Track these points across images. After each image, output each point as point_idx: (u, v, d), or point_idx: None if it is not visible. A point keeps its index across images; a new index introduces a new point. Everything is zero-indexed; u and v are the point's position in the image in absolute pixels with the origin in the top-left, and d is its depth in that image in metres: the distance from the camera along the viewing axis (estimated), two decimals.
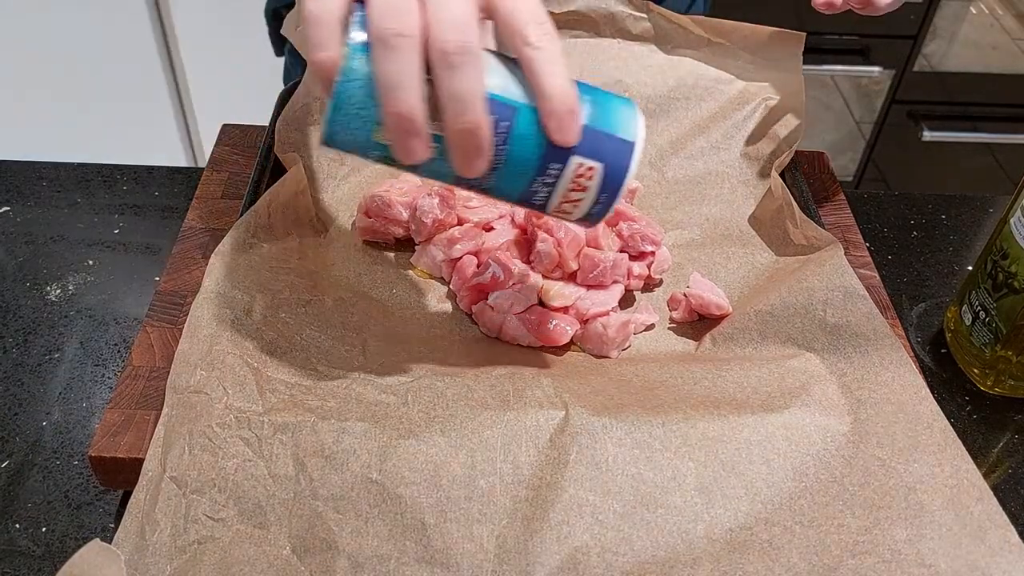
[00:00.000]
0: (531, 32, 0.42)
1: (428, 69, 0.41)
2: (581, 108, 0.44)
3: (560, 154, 0.44)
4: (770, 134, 0.71)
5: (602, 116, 0.45)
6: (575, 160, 0.44)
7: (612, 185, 0.46)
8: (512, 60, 0.44)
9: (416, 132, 0.41)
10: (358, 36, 0.41)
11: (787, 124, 0.70)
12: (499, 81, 0.43)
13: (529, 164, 0.44)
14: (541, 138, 0.44)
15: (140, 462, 0.48)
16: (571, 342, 0.60)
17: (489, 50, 0.44)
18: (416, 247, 0.65)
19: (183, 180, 0.78)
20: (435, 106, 0.42)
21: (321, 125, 0.44)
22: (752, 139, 0.72)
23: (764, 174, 0.70)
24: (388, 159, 0.44)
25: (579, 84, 0.45)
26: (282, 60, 1.02)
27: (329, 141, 0.44)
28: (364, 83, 0.41)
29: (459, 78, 0.40)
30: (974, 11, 1.75)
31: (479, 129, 0.41)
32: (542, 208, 0.47)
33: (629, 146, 0.45)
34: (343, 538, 0.45)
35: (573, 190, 0.46)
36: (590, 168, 0.45)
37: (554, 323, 0.59)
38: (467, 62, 0.40)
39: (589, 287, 0.61)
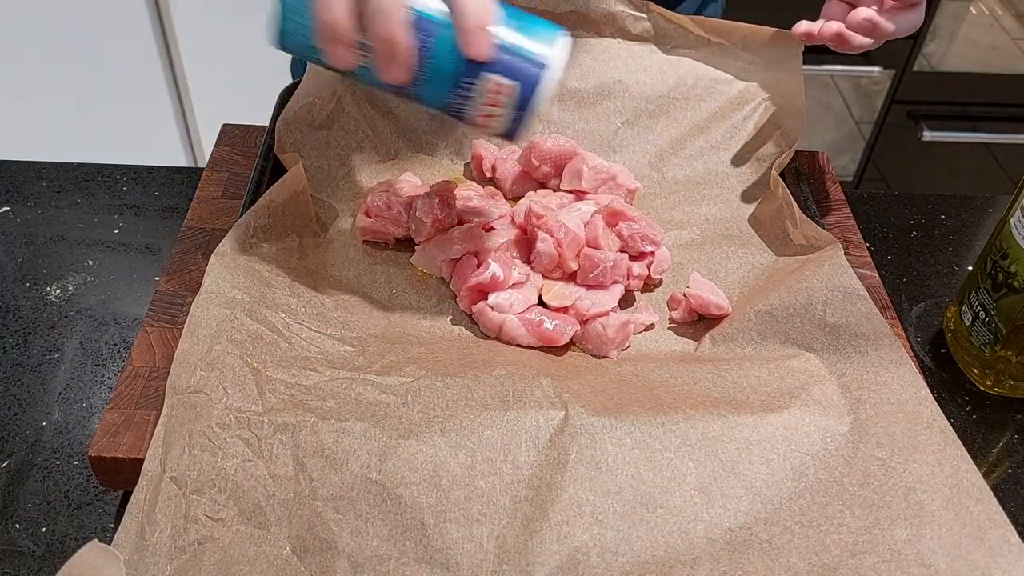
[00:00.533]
0: None
1: None
2: (501, 29, 0.49)
3: (475, 69, 0.49)
4: (770, 134, 0.71)
5: (520, 38, 0.50)
6: (489, 76, 0.49)
7: (524, 103, 0.50)
8: None
9: (342, 39, 0.47)
10: None
11: (787, 124, 0.70)
12: (427, 1, 0.48)
13: (448, 76, 0.50)
14: (459, 53, 0.49)
15: (140, 462, 0.48)
16: (571, 342, 0.60)
17: None
18: (416, 247, 0.65)
19: (183, 180, 0.78)
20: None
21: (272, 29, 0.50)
22: (752, 139, 0.72)
23: (764, 174, 0.70)
24: (327, 64, 0.50)
25: (506, 8, 0.50)
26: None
27: (279, 43, 0.50)
28: None
29: None
30: (974, 11, 1.75)
31: (399, 39, 0.47)
32: (462, 118, 0.52)
33: (542, 69, 0.50)
34: (343, 538, 0.45)
35: (489, 104, 0.50)
36: (503, 85, 0.50)
37: (554, 323, 0.59)
38: None
39: (589, 287, 0.61)
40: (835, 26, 0.61)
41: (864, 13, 0.59)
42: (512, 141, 0.53)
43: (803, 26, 0.63)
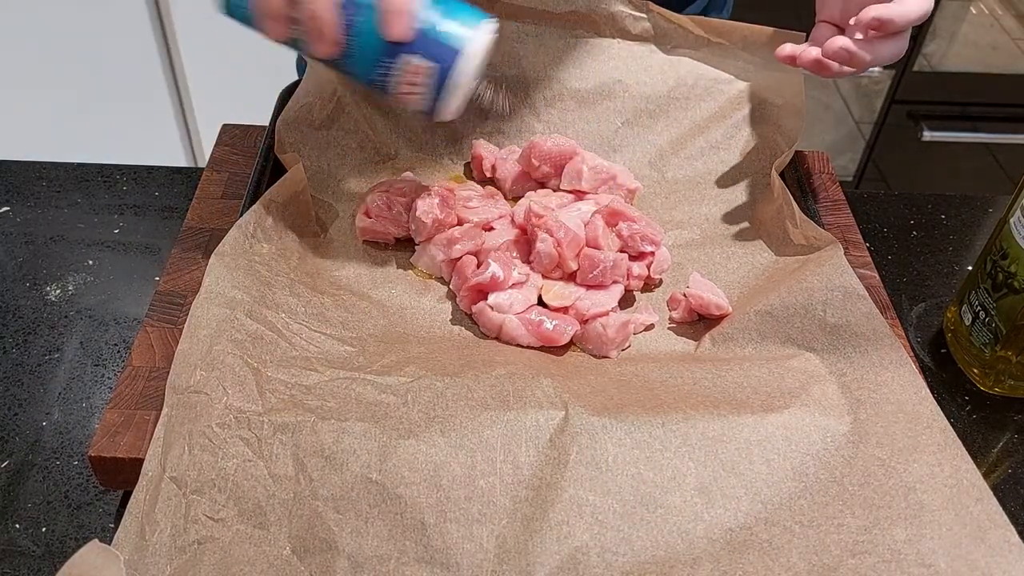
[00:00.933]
0: None
1: None
2: (425, 12, 0.52)
3: (396, 49, 0.53)
4: (770, 134, 0.71)
5: (441, 23, 0.53)
6: (408, 58, 0.53)
7: (440, 85, 0.54)
8: None
9: (273, 15, 0.52)
10: None
11: (787, 124, 0.70)
12: None
13: (371, 55, 0.53)
14: (381, 33, 0.52)
15: (140, 462, 0.48)
16: (571, 342, 0.60)
17: None
18: (416, 247, 0.65)
19: (183, 180, 0.78)
20: None
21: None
22: (752, 139, 0.72)
23: (764, 174, 0.70)
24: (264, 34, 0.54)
25: None
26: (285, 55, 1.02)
27: (226, 12, 0.55)
28: None
29: None
30: (974, 11, 1.75)
31: (324, 18, 0.51)
32: (386, 93, 0.55)
33: (458, 54, 0.53)
34: (343, 538, 0.45)
35: (409, 83, 0.54)
36: (421, 67, 0.53)
37: (554, 323, 0.59)
38: None
39: (589, 287, 0.61)
40: (814, 52, 0.60)
41: (840, 42, 0.58)
42: (434, 118, 0.56)
43: (787, 49, 0.63)
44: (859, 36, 0.59)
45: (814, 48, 0.61)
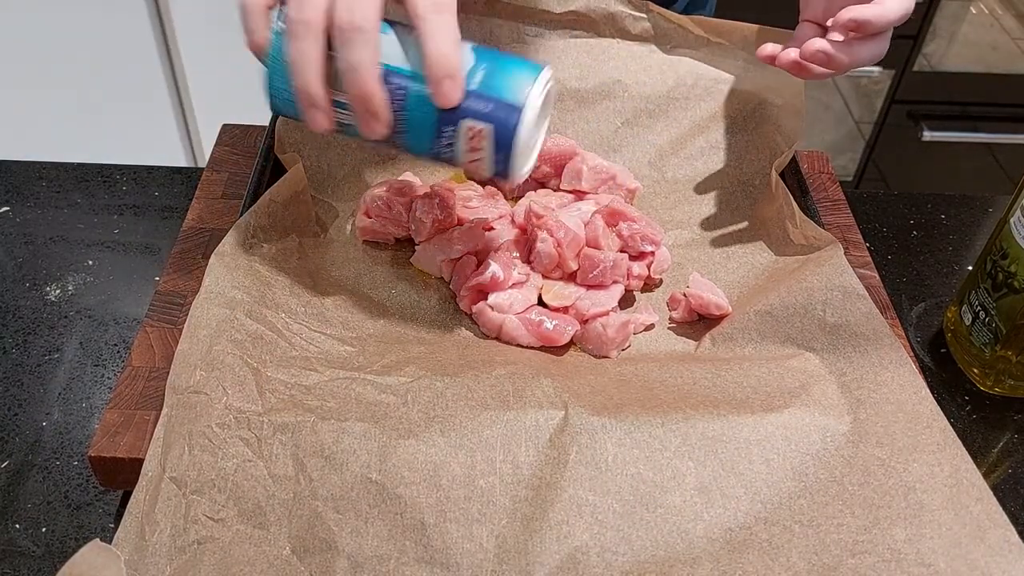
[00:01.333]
0: (419, 5, 0.46)
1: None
2: (473, 73, 0.48)
3: (450, 117, 0.49)
4: (770, 134, 0.71)
5: (491, 81, 0.49)
6: (464, 123, 0.49)
7: (503, 146, 0.49)
8: None
9: (316, 104, 0.48)
10: (279, 23, 0.48)
11: (787, 124, 0.70)
12: (398, 53, 0.48)
13: (426, 126, 0.49)
14: (432, 102, 0.48)
15: (140, 462, 0.48)
16: (571, 342, 0.60)
17: (403, 26, 0.49)
18: (416, 247, 0.65)
19: (183, 180, 0.78)
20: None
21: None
22: (752, 139, 0.72)
23: (764, 174, 0.70)
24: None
25: (479, 51, 0.49)
26: None
27: (272, 109, 0.52)
28: (282, 62, 0.48)
29: (351, 52, 0.46)
30: (974, 11, 1.75)
31: (372, 96, 0.47)
32: (454, 164, 0.52)
33: (515, 110, 0.49)
34: (343, 538, 0.45)
35: (471, 150, 0.50)
36: (479, 130, 0.49)
37: (554, 323, 0.59)
38: (358, 38, 0.45)
39: (589, 287, 0.61)
40: (793, 54, 0.60)
41: (818, 44, 0.57)
42: (507, 181, 0.53)
43: (767, 49, 0.62)
44: (838, 37, 0.58)
45: (793, 49, 0.60)
